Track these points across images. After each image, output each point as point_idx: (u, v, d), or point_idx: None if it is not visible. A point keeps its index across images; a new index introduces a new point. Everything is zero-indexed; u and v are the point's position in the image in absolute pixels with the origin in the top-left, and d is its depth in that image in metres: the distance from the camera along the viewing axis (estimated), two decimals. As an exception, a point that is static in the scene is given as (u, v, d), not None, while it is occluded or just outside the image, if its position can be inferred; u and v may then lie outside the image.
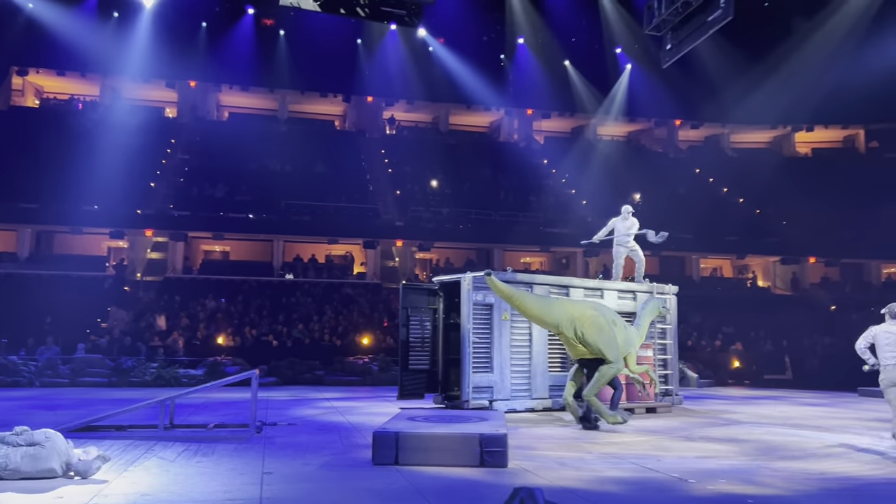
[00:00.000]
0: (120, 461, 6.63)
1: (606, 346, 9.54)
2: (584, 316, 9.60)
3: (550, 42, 35.99)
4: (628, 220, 13.62)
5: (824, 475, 6.43)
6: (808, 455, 7.58)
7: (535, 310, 9.68)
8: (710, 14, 11.45)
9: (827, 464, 7.04)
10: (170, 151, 31.02)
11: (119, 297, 23.68)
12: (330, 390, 16.64)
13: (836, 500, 5.52)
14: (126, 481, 5.80)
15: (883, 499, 5.58)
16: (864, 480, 6.25)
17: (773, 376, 22.28)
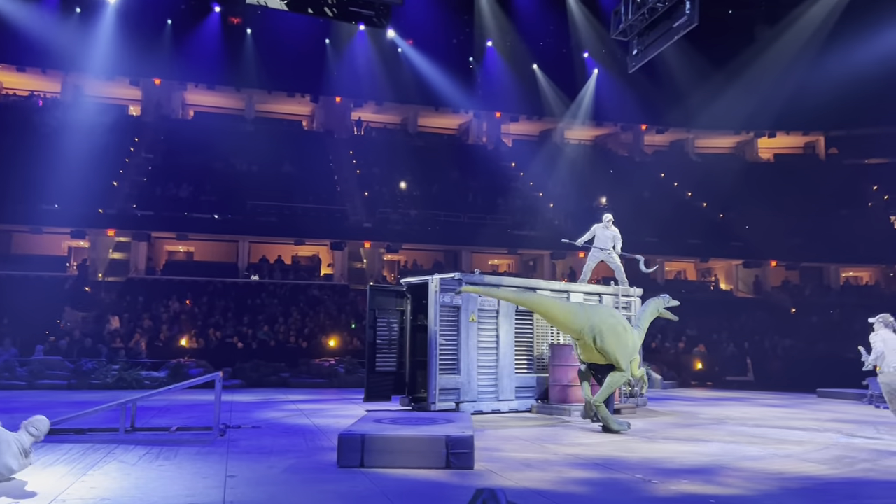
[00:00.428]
0: (79, 465, 6.49)
1: (622, 356, 9.66)
2: (605, 324, 9.69)
3: (519, 46, 36.21)
4: (609, 229, 13.75)
5: (784, 475, 6.55)
6: (769, 455, 7.72)
7: (560, 316, 9.80)
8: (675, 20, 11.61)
9: (786, 464, 7.18)
10: (133, 150, 30.49)
11: (80, 298, 23.21)
12: (296, 393, 16.49)
13: (796, 499, 5.63)
14: (85, 486, 5.68)
15: (841, 497, 5.70)
16: (822, 480, 6.38)
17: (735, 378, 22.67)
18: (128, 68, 31.82)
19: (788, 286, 31.91)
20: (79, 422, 8.37)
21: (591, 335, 9.56)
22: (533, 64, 37.20)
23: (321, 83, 34.94)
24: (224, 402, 9.13)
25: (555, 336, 13.01)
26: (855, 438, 9.22)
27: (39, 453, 7.04)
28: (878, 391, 14.83)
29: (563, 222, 30.98)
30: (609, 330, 9.63)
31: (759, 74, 34.05)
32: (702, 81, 34.29)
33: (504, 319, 12.26)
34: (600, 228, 13.81)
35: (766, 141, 39.93)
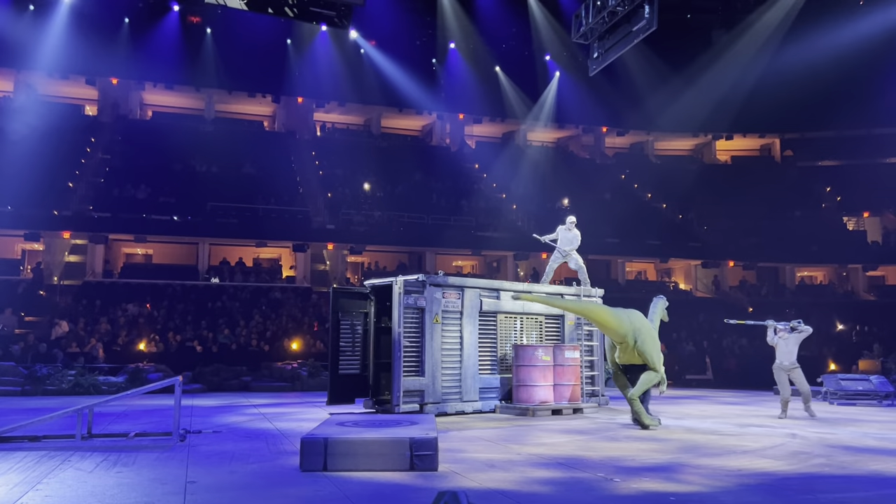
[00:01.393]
0: (34, 473, 6.33)
1: (656, 357, 10.16)
2: (644, 327, 10.21)
3: (481, 48, 36.38)
4: (571, 231, 13.90)
5: (742, 471, 6.68)
6: (727, 452, 7.86)
7: (612, 322, 10.13)
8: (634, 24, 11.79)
9: (744, 460, 7.32)
10: (90, 151, 29.86)
11: (34, 302, 22.63)
12: (258, 396, 16.31)
13: (753, 494, 5.74)
14: (40, 494, 5.54)
15: (796, 492, 5.83)
16: (779, 475, 6.52)
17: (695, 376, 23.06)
18: (84, 67, 31.16)
19: (746, 286, 32.57)
20: (33, 429, 8.16)
21: (633, 338, 10.03)
22: (496, 66, 37.39)
23: (283, 83, 34.65)
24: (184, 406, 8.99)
25: (518, 337, 13.08)
26: (810, 434, 9.45)
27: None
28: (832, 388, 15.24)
29: (526, 223, 31.18)
30: (647, 332, 10.19)
31: (716, 78, 34.72)
32: (661, 84, 34.86)
33: (468, 321, 12.29)
34: (563, 230, 13.96)
35: (723, 143, 40.73)
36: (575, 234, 13.96)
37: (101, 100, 33.37)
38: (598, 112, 37.15)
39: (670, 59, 33.62)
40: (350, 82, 34.80)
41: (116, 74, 32.56)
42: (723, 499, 5.57)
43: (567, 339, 13.43)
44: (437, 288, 11.98)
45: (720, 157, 41.29)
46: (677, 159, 40.87)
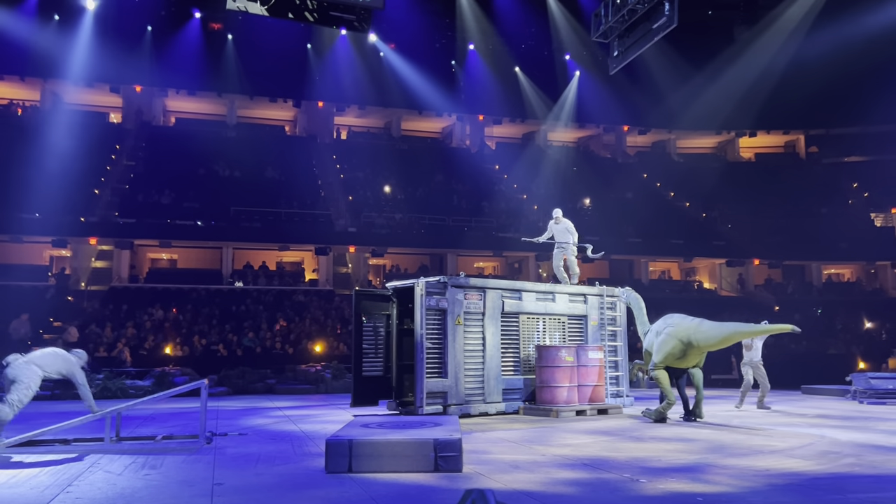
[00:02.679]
0: (65, 476, 6.42)
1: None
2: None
3: (501, 49, 36.34)
4: (560, 224, 13.74)
5: (770, 471, 6.60)
6: (755, 452, 7.77)
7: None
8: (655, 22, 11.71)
9: (772, 460, 7.23)
10: (114, 157, 30.27)
11: (62, 308, 22.97)
12: (282, 399, 16.41)
13: (782, 495, 5.67)
14: (70, 496, 5.62)
15: (826, 492, 5.75)
16: (808, 475, 6.44)
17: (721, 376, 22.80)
18: (108, 75, 31.60)
19: (771, 284, 32.19)
20: (63, 432, 8.29)
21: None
22: (515, 66, 37.33)
23: (303, 88, 34.88)
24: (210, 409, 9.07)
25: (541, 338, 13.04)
26: (840, 434, 9.31)
27: (21, 466, 6.97)
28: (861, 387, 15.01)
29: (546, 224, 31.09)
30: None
31: (738, 74, 34.39)
32: (682, 82, 34.59)
33: (490, 322, 12.27)
34: (553, 224, 13.79)
35: (747, 140, 40.32)
36: (565, 225, 13.76)
37: (125, 107, 33.83)
38: (619, 111, 36.95)
39: (691, 56, 33.34)
40: (370, 86, 34.92)
41: (140, 82, 33.01)
42: (751, 499, 5.50)
43: (590, 339, 13.35)
44: (458, 289, 11.98)
45: (744, 155, 40.87)
46: (700, 157, 40.53)
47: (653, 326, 11.53)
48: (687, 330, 10.85)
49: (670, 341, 10.83)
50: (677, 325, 10.98)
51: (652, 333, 11.39)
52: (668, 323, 11.14)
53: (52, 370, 8.47)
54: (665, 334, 10.93)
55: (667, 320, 11.25)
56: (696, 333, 10.80)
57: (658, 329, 11.24)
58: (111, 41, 30.54)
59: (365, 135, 38.09)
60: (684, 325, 10.93)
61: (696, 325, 10.93)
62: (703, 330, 10.88)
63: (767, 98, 34.50)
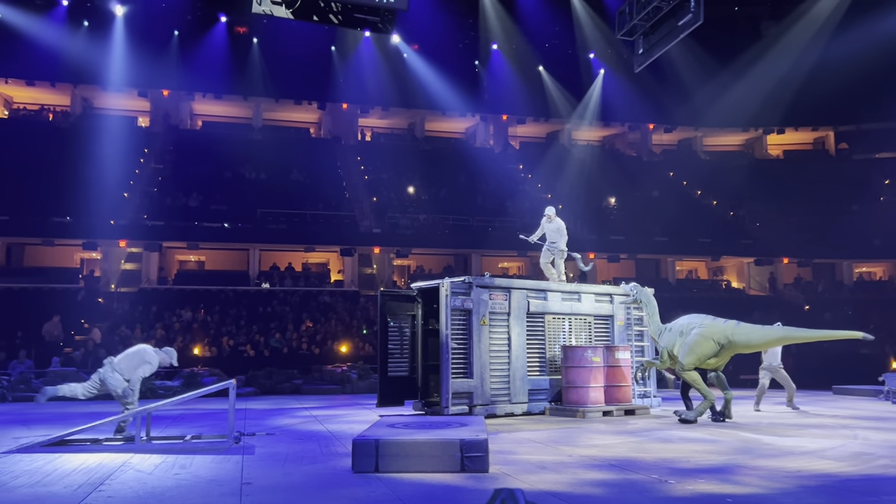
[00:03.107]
0: (97, 475, 6.52)
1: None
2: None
3: (524, 48, 36.21)
4: (553, 222, 13.44)
5: (801, 473, 6.50)
6: (786, 453, 7.67)
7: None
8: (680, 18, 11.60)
9: (804, 461, 7.13)
10: (143, 161, 30.68)
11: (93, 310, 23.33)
12: (309, 399, 16.52)
13: (814, 497, 5.59)
14: (102, 495, 5.70)
15: (859, 494, 5.65)
16: (840, 477, 6.34)
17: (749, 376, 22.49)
18: (136, 80, 32.05)
19: (801, 283, 31.72)
20: (95, 432, 8.42)
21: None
22: (539, 66, 37.18)
23: (328, 90, 35.06)
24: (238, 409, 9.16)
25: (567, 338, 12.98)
26: (873, 434, 9.15)
27: (55, 465, 7.09)
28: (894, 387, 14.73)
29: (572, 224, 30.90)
30: None
31: (766, 70, 33.94)
32: (709, 79, 34.22)
33: (515, 322, 12.24)
34: (545, 223, 13.52)
35: (774, 137, 39.78)
36: (558, 225, 13.45)
37: (153, 111, 34.27)
38: (644, 109, 36.65)
39: (718, 52, 32.96)
40: (393, 87, 35.00)
41: (167, 86, 33.42)
42: (782, 501, 5.43)
43: (617, 339, 13.27)
44: (483, 289, 11.97)
45: (772, 152, 40.33)
46: (727, 155, 40.07)
47: (672, 326, 11.30)
48: (723, 330, 10.71)
49: (704, 342, 10.66)
50: (710, 325, 10.81)
51: (673, 333, 11.16)
52: (695, 323, 10.97)
53: (128, 374, 9.13)
54: (697, 335, 10.72)
55: (691, 320, 11.08)
56: (735, 335, 10.68)
57: (681, 328, 11.04)
58: (139, 46, 30.99)
59: (389, 136, 38.20)
60: (719, 326, 10.78)
61: (732, 325, 10.81)
62: (744, 332, 10.76)
63: (796, 94, 33.99)
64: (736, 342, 10.71)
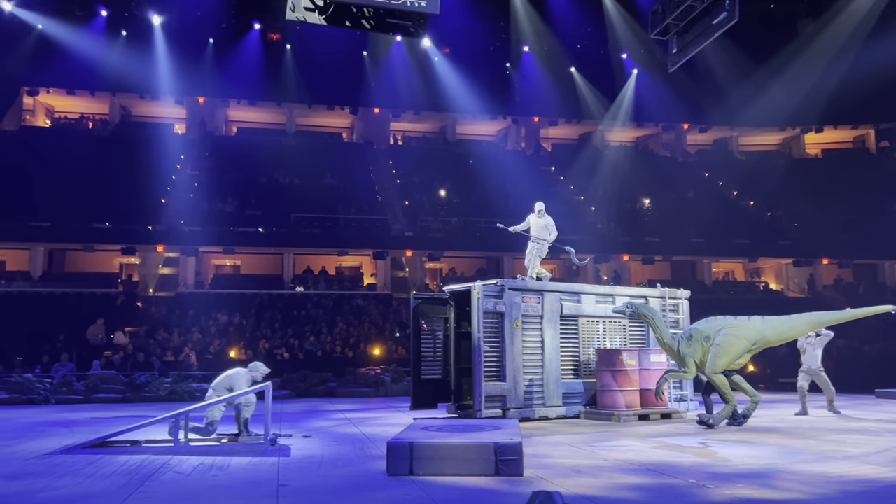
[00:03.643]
0: (136, 476, 6.64)
1: None
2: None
3: (556, 49, 36.02)
4: (543, 219, 13.15)
5: (843, 478, 6.37)
6: (827, 458, 7.51)
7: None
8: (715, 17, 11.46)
9: (846, 466, 6.98)
10: (179, 167, 31.19)
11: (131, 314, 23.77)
12: (343, 402, 16.63)
13: (857, 502, 5.46)
14: (143, 496, 5.81)
15: (904, 501, 5.52)
16: (884, 482, 6.19)
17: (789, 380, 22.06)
18: (173, 87, 32.59)
19: (841, 284, 31.04)
20: (134, 434, 8.58)
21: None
22: (570, 67, 36.96)
23: (360, 95, 35.28)
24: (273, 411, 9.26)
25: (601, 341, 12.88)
26: (918, 440, 8.92)
27: (97, 466, 7.23)
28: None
29: (606, 225, 30.70)
30: None
31: (803, 68, 33.27)
32: (744, 78, 33.70)
33: (548, 325, 12.18)
34: (534, 218, 13.21)
35: (813, 136, 39.02)
36: (548, 221, 13.15)
37: (189, 118, 34.82)
38: (678, 109, 36.21)
39: (753, 51, 32.43)
40: (424, 91, 35.08)
41: (203, 93, 33.94)
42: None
43: (652, 342, 13.11)
44: (516, 292, 11.94)
45: (810, 151, 39.57)
46: (764, 154, 39.42)
47: (690, 334, 10.70)
48: (755, 329, 10.56)
49: (738, 342, 10.45)
50: (739, 324, 10.60)
51: (695, 341, 10.58)
52: (718, 324, 10.63)
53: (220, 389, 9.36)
54: (729, 335, 10.46)
55: (712, 323, 10.70)
56: (766, 330, 10.57)
57: (703, 334, 10.57)
58: (176, 55, 31.54)
59: (420, 139, 38.31)
60: (749, 324, 10.62)
61: (760, 321, 10.70)
62: (773, 325, 10.65)
63: (834, 92, 33.25)
64: (769, 338, 10.61)
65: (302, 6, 9.77)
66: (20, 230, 24.76)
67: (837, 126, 38.32)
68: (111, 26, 31.77)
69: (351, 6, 9.67)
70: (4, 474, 6.81)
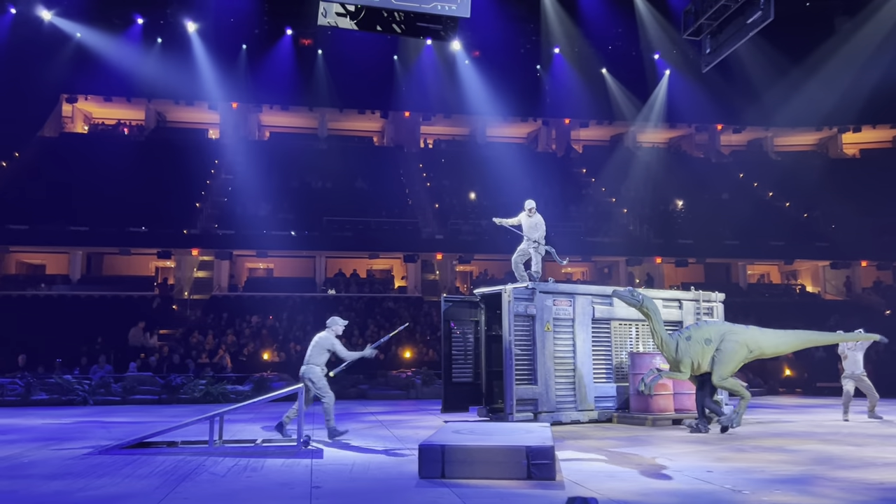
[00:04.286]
0: (172, 477, 6.74)
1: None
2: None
3: (587, 51, 35.85)
4: (533, 217, 12.78)
5: (884, 485, 6.22)
6: (867, 464, 7.35)
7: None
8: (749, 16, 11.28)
9: (886, 473, 6.82)
10: (213, 172, 31.65)
11: (167, 316, 24.16)
12: (374, 404, 16.70)
13: (899, 510, 5.34)
14: (179, 496, 5.89)
15: (948, 509, 5.38)
16: (927, 490, 6.03)
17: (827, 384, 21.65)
18: (207, 93, 33.11)
19: (881, 287, 30.36)
20: (170, 435, 8.71)
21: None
22: (602, 68, 36.74)
23: (390, 99, 35.46)
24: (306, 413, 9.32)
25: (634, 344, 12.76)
26: (962, 447, 8.68)
27: (134, 466, 7.35)
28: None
29: (638, 227, 30.41)
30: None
31: (840, 67, 32.65)
32: (779, 77, 33.19)
33: (580, 328, 12.11)
34: (524, 217, 12.83)
35: (850, 136, 38.27)
36: (536, 220, 12.73)
37: (222, 123, 35.32)
38: (712, 109, 35.79)
39: (789, 49, 31.91)
40: (454, 94, 35.14)
41: (236, 99, 34.40)
42: (865, 515, 5.21)
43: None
44: (547, 295, 11.89)
45: (847, 151, 38.80)
46: (800, 155, 38.75)
47: (689, 335, 10.39)
48: (753, 337, 10.49)
49: (740, 349, 10.30)
50: (740, 331, 10.48)
51: (694, 342, 10.26)
52: (722, 329, 10.45)
53: (320, 360, 9.81)
54: (734, 342, 10.23)
55: (714, 327, 10.52)
56: (763, 342, 10.54)
57: (704, 336, 10.29)
58: (210, 61, 32.04)
59: (450, 143, 38.36)
60: (747, 333, 10.54)
61: (758, 331, 10.69)
62: (769, 338, 10.70)
63: (873, 90, 32.58)
64: (764, 348, 10.58)
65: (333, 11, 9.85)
66: (60, 234, 25.30)
67: (876, 125, 37.52)
68: (147, 33, 32.40)
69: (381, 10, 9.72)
70: (45, 474, 6.96)
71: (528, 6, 33.55)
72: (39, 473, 6.99)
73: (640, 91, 36.58)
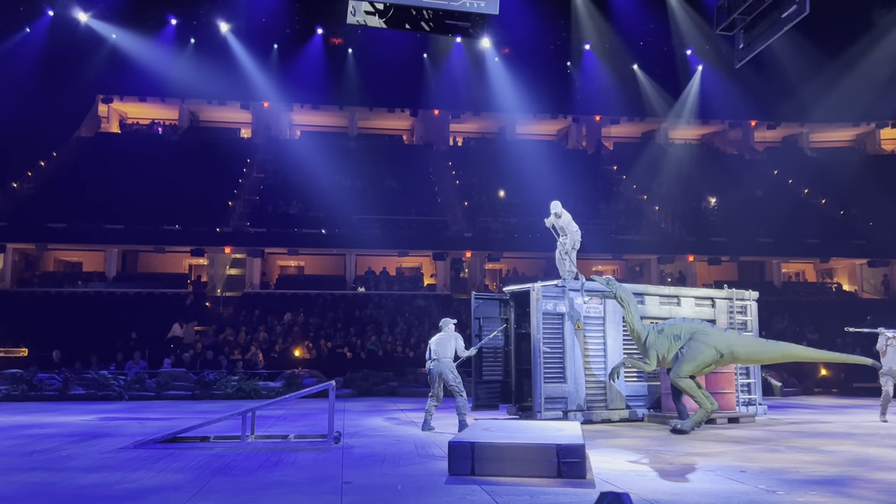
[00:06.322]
0: (206, 471, 6.83)
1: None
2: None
3: (618, 47, 35.55)
4: (562, 218, 12.86)
5: (925, 488, 6.08)
6: (906, 467, 7.19)
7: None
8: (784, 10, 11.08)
9: (927, 476, 6.67)
10: (245, 171, 32.00)
11: (201, 313, 24.49)
12: (404, 401, 16.76)
13: (939, 514, 5.22)
14: (212, 490, 5.97)
15: None
16: (969, 493, 5.89)
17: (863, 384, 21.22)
18: (238, 93, 33.52)
19: (921, 286, 29.69)
20: (204, 430, 8.83)
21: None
22: (633, 64, 36.43)
23: (420, 97, 35.53)
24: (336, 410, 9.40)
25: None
26: None
27: (168, 460, 7.47)
28: None
29: (670, 225, 30.10)
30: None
31: (879, 61, 31.94)
32: (815, 72, 32.58)
33: (611, 327, 12.02)
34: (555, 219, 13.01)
35: (889, 132, 37.47)
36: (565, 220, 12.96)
37: (254, 122, 35.71)
38: (745, 105, 35.28)
39: (825, 44, 31.29)
40: (484, 91, 35.10)
41: (268, 98, 34.75)
42: (903, 517, 5.10)
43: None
44: (577, 293, 11.82)
45: (886, 147, 37.97)
46: (836, 151, 38.01)
47: (662, 327, 10.38)
48: (726, 341, 10.26)
49: (707, 350, 10.06)
50: (712, 333, 10.28)
51: (664, 336, 10.23)
52: (695, 327, 10.29)
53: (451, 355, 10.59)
54: (701, 343, 10.06)
55: (687, 324, 10.37)
56: (737, 347, 10.31)
57: (675, 332, 10.22)
58: (242, 61, 32.41)
59: (479, 140, 38.32)
60: (722, 336, 10.33)
61: (735, 335, 10.52)
62: (748, 344, 10.52)
63: (912, 85, 31.89)
64: (737, 353, 10.34)
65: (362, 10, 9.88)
66: (96, 232, 25.79)
67: (916, 121, 36.70)
68: (180, 34, 32.89)
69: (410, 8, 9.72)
70: (82, 467, 7.11)
71: (558, 3, 33.37)
72: (77, 466, 7.14)
73: (671, 87, 36.19)
